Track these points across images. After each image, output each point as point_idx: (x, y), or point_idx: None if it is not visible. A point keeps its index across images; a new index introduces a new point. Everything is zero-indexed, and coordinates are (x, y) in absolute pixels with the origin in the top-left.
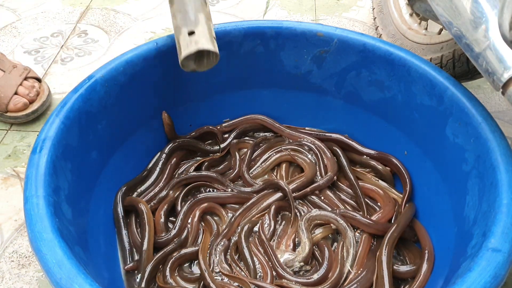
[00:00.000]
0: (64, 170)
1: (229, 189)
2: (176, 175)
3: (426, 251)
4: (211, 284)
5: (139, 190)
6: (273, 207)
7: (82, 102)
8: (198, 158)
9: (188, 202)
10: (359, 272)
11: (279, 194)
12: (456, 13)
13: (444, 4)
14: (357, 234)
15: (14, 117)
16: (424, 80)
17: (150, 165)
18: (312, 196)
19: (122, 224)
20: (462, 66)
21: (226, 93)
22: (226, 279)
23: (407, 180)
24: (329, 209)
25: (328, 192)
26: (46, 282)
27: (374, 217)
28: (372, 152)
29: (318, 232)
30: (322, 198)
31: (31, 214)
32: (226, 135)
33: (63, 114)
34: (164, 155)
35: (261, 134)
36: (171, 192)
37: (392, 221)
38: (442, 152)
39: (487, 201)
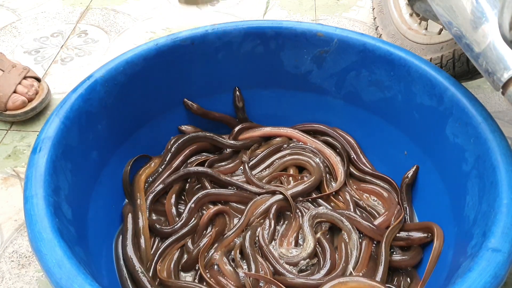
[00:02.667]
0: (64, 170)
1: (231, 187)
2: (182, 167)
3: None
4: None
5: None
6: (273, 208)
7: (82, 102)
8: (206, 154)
9: (193, 199)
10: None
11: (279, 196)
12: (456, 13)
13: (444, 4)
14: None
15: (13, 115)
16: (424, 80)
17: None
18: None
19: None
20: (462, 66)
21: (226, 93)
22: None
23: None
24: (330, 207)
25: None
26: (46, 282)
27: (378, 221)
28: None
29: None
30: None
31: (31, 214)
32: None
33: (63, 114)
34: (177, 145)
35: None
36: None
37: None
38: (442, 152)
39: (487, 201)
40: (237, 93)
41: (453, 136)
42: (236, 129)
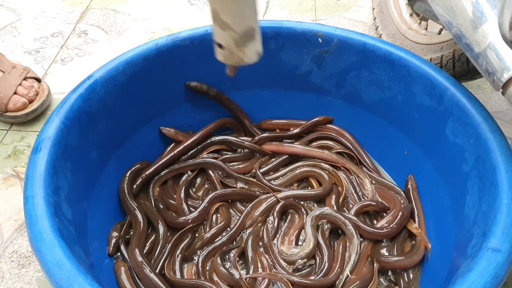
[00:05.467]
0: (64, 170)
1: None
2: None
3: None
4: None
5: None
6: (278, 206)
7: (82, 102)
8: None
9: (203, 203)
10: (356, 278)
11: (284, 194)
12: (456, 13)
13: (444, 4)
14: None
15: (14, 116)
16: (424, 80)
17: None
18: None
19: None
20: (462, 66)
21: (226, 93)
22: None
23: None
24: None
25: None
26: (46, 282)
27: (383, 222)
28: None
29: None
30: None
31: (31, 214)
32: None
33: (63, 114)
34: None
35: None
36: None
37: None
38: (442, 152)
39: (487, 201)
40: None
41: (453, 136)
42: (258, 137)
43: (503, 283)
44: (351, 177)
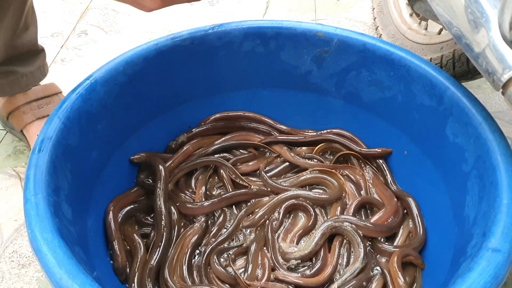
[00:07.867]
0: (64, 170)
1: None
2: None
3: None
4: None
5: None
6: (286, 203)
7: (82, 102)
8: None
9: (216, 198)
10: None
11: (290, 193)
12: (456, 13)
13: (444, 4)
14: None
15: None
16: (424, 80)
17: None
18: None
19: None
20: (462, 66)
21: (226, 93)
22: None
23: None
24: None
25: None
26: (46, 282)
27: (376, 217)
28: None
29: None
30: None
31: (31, 214)
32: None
33: (63, 114)
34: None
35: None
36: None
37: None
38: (442, 152)
39: (487, 201)
40: None
41: (453, 136)
42: (270, 139)
43: (503, 283)
44: (361, 189)
